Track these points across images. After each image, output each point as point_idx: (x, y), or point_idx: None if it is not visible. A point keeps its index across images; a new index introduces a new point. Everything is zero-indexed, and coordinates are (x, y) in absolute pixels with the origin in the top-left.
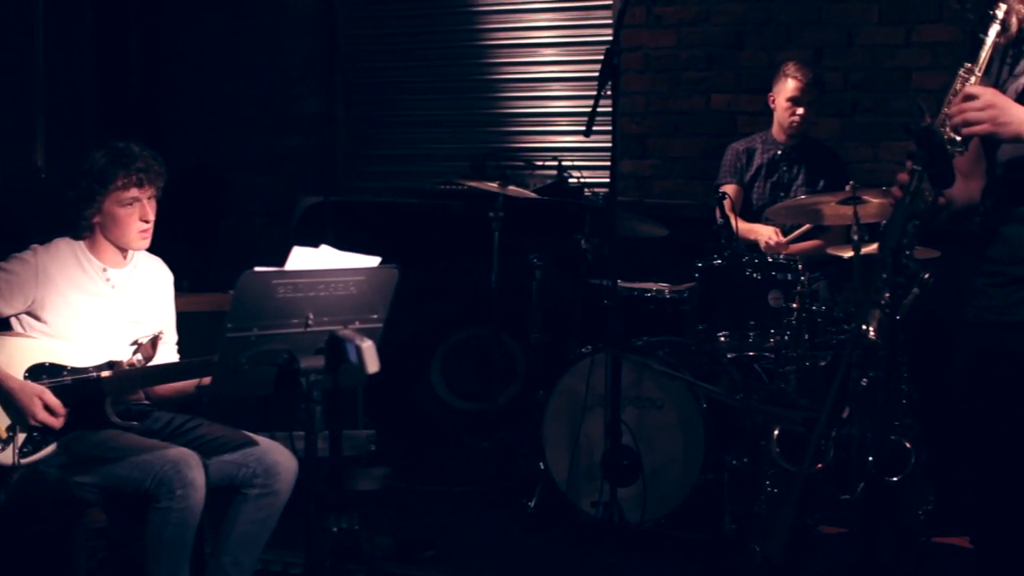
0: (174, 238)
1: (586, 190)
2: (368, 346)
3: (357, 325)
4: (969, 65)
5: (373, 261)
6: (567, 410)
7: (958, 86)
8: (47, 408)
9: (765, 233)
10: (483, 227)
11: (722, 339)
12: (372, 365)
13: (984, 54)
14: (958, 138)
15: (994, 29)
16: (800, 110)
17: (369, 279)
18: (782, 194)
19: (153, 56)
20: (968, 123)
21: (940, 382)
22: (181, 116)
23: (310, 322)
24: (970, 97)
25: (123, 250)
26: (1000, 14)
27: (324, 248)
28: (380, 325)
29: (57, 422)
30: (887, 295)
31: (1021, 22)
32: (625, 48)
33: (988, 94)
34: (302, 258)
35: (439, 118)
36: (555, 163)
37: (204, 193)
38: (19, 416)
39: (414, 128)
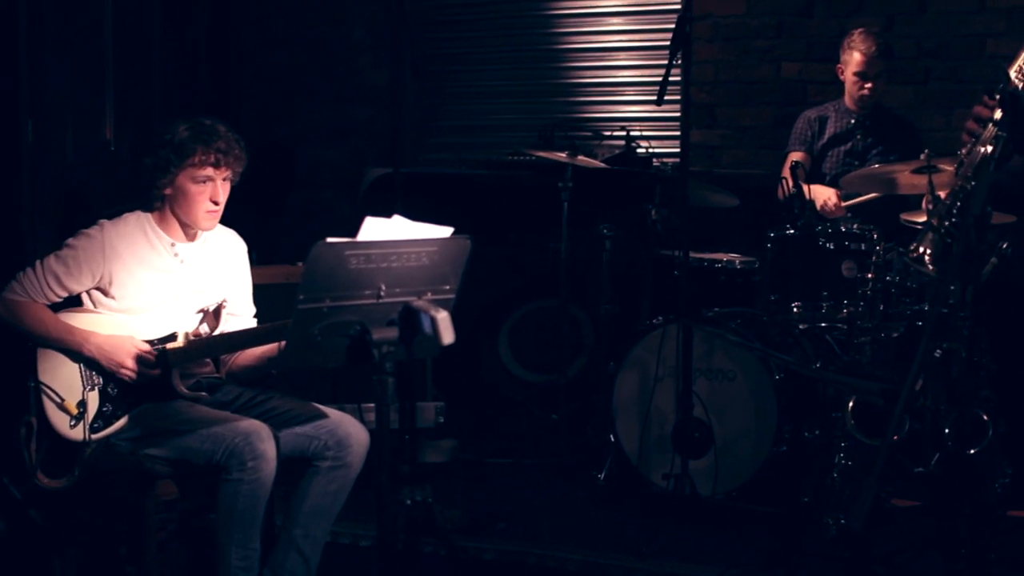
0: (243, 210)
1: (655, 160)
2: (443, 317)
3: (429, 296)
4: None
5: (446, 231)
6: (637, 382)
7: None
8: (139, 359)
9: (824, 195)
10: (552, 198)
11: (795, 310)
12: (447, 336)
13: None
14: None
15: None
16: (868, 84)
17: (442, 250)
18: (856, 163)
19: (220, 29)
20: None
21: (1019, 353)
22: (248, 89)
23: (382, 293)
24: None
25: (190, 227)
26: None
27: (396, 218)
28: (453, 296)
29: (153, 372)
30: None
31: None
32: (695, 16)
33: None
34: (374, 228)
35: (506, 88)
36: (623, 133)
37: (272, 166)
38: (106, 373)
39: (481, 99)
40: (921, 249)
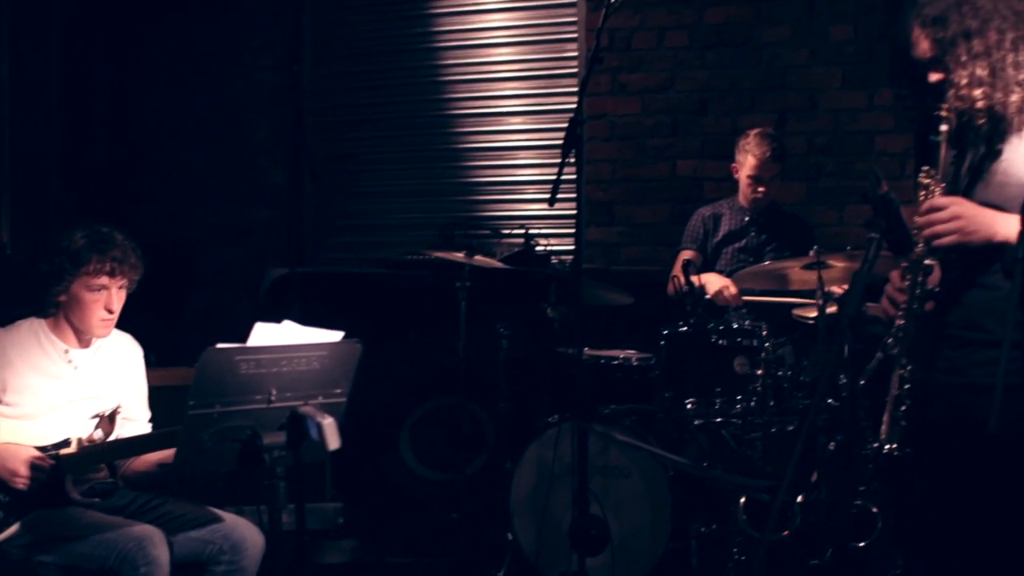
0: (143, 311)
1: (553, 258)
2: (329, 423)
3: (320, 400)
4: (928, 169)
5: (336, 336)
6: (535, 480)
7: (921, 195)
8: (32, 466)
9: (719, 283)
10: (450, 297)
11: (689, 406)
12: (333, 442)
13: (941, 156)
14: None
15: (943, 128)
16: (761, 188)
17: (332, 354)
18: (751, 259)
19: (120, 130)
20: (937, 235)
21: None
22: (148, 190)
23: (273, 398)
24: (935, 208)
25: (84, 333)
26: (944, 113)
27: (287, 323)
28: (344, 400)
29: (46, 479)
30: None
31: (960, 116)
32: (590, 116)
33: (953, 205)
34: (264, 334)
35: (406, 188)
36: (522, 231)
37: (172, 266)
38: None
39: (381, 198)
40: None
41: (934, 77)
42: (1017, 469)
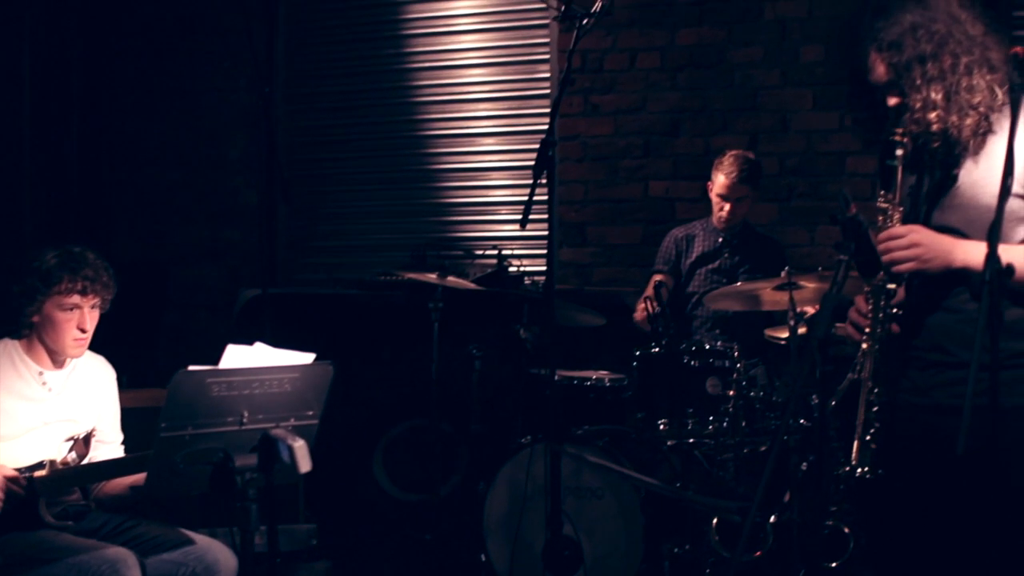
0: (116, 333)
1: (526, 279)
2: (300, 446)
3: (292, 422)
4: (886, 194)
5: (308, 358)
6: (508, 501)
7: (880, 219)
8: (7, 488)
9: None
10: (423, 318)
11: (661, 427)
12: (304, 465)
13: (898, 180)
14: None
15: (899, 152)
16: (727, 206)
17: (303, 376)
18: (724, 280)
19: (93, 150)
20: (895, 262)
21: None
22: (121, 210)
23: (245, 420)
24: (895, 236)
25: (58, 354)
26: (899, 138)
27: (258, 345)
28: (316, 421)
29: (21, 501)
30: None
31: (916, 139)
32: (563, 137)
33: (912, 232)
34: (236, 356)
35: (379, 209)
36: (495, 252)
37: (145, 286)
38: None
39: (354, 219)
40: None
41: (891, 101)
42: (983, 489)
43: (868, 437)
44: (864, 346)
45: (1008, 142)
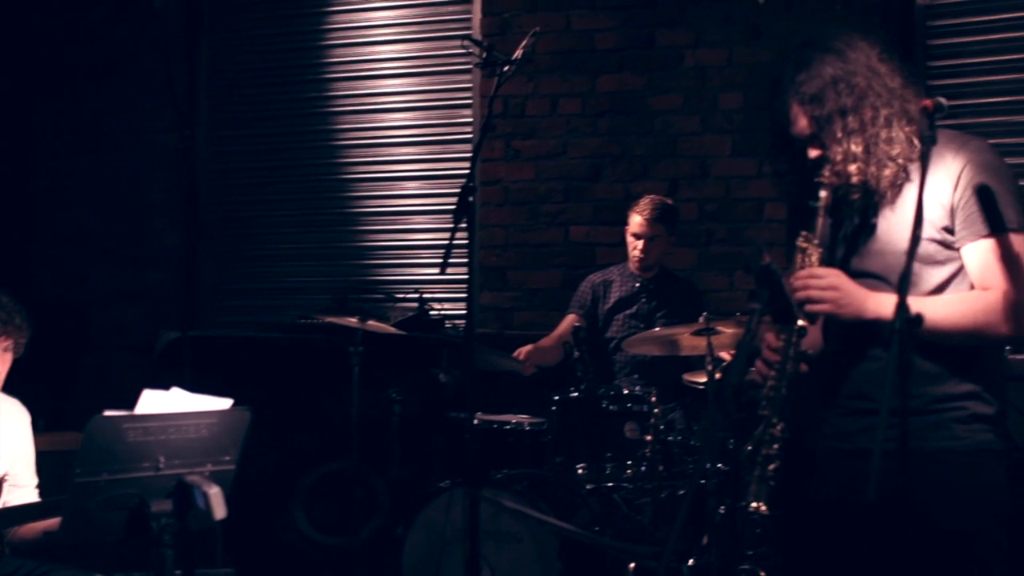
0: (34, 375)
1: (447, 323)
2: (215, 492)
3: (209, 468)
4: (806, 234)
5: (224, 403)
6: (427, 545)
7: (799, 258)
8: None
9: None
10: (343, 361)
11: (580, 471)
12: (219, 511)
13: (819, 222)
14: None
15: (823, 194)
16: (640, 244)
17: (220, 421)
18: (642, 325)
19: (12, 190)
20: (811, 300)
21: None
22: (43, 251)
23: (161, 465)
24: (816, 275)
25: None
26: (825, 180)
27: (175, 390)
28: (233, 467)
29: None
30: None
31: (836, 190)
32: (484, 182)
33: (832, 275)
34: (152, 401)
35: (301, 251)
36: (416, 296)
37: (64, 328)
38: None
39: (276, 262)
40: None
41: (812, 153)
42: (901, 534)
43: (767, 474)
44: (771, 383)
45: (918, 193)
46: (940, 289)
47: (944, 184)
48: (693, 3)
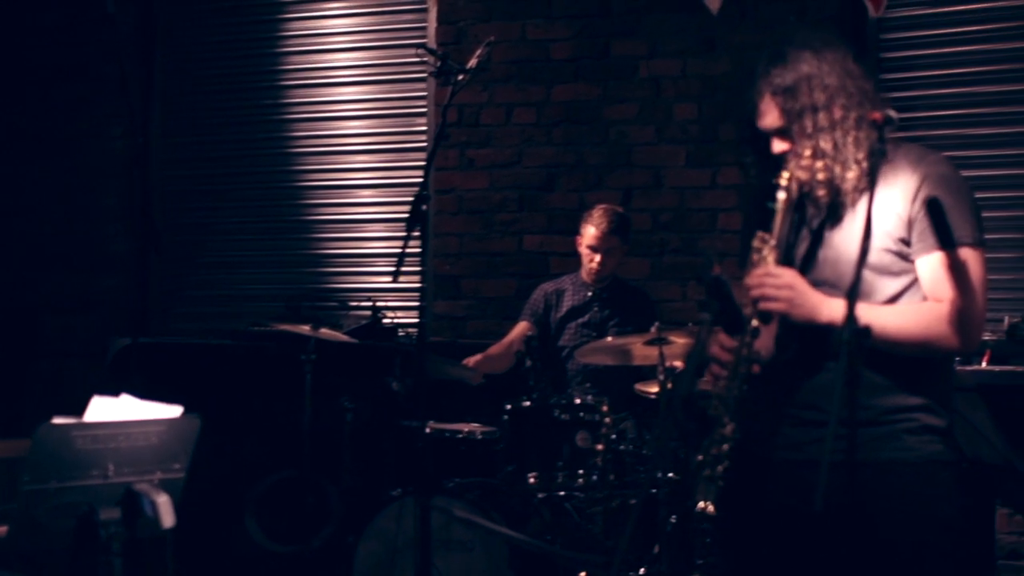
0: None
1: (401, 331)
2: (164, 500)
3: (159, 475)
4: (763, 234)
5: (175, 411)
6: (378, 553)
7: (755, 257)
8: None
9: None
10: (296, 369)
11: (532, 480)
12: (167, 520)
13: (777, 223)
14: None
15: (781, 196)
16: (597, 257)
17: (170, 429)
18: (594, 334)
19: None
20: (766, 298)
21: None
22: None
23: (110, 473)
24: (771, 274)
25: None
26: (784, 182)
27: (124, 397)
28: (183, 475)
29: None
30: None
31: (801, 187)
32: (439, 190)
33: (788, 275)
34: (102, 408)
35: (255, 259)
36: (370, 304)
37: (16, 334)
38: None
39: (229, 269)
40: None
41: (778, 147)
42: (851, 544)
43: (715, 474)
44: (723, 383)
45: (868, 205)
46: (894, 300)
47: (902, 196)
48: (648, 14)
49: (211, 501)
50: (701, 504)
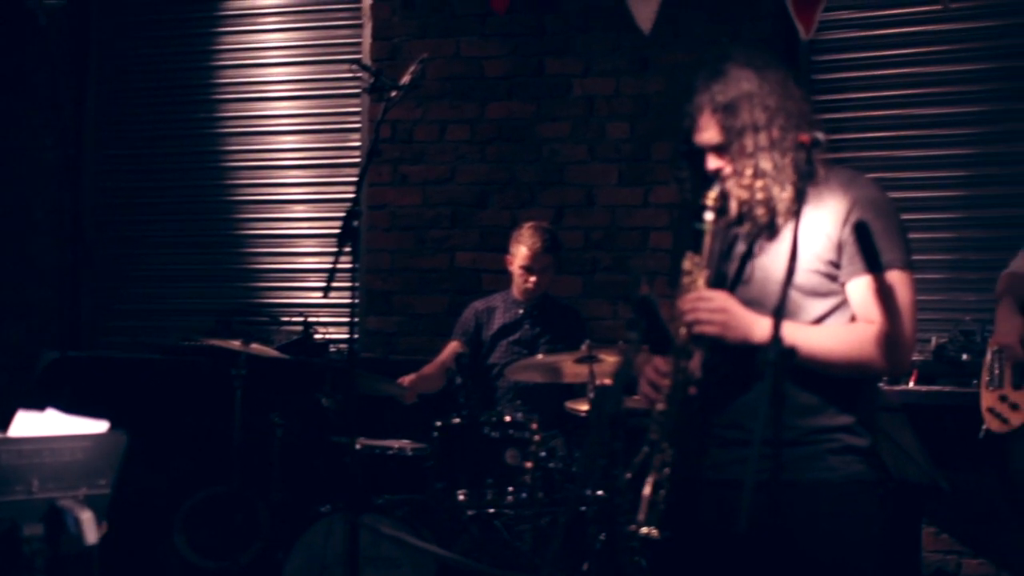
0: None
1: (332, 347)
2: (87, 517)
3: (84, 491)
4: (693, 256)
5: (100, 426)
6: (307, 569)
7: (686, 279)
8: None
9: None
10: (225, 384)
11: (461, 497)
12: (91, 536)
13: (706, 244)
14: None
15: (709, 217)
16: (533, 278)
17: (95, 445)
18: (525, 352)
19: None
20: (700, 322)
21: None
22: None
23: (35, 489)
24: (704, 297)
25: None
26: (711, 203)
27: (50, 412)
28: (108, 491)
29: None
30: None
31: (741, 205)
32: (371, 206)
33: (720, 298)
34: (27, 423)
35: (186, 273)
36: (302, 319)
37: None
38: None
39: (162, 282)
40: None
41: (713, 164)
42: (776, 565)
43: (657, 498)
44: (659, 407)
45: (794, 228)
46: (820, 320)
47: (832, 219)
48: (582, 33)
49: (140, 516)
50: (644, 529)
